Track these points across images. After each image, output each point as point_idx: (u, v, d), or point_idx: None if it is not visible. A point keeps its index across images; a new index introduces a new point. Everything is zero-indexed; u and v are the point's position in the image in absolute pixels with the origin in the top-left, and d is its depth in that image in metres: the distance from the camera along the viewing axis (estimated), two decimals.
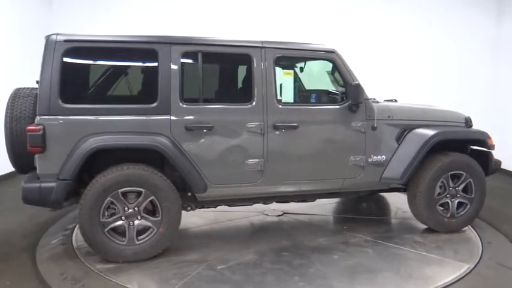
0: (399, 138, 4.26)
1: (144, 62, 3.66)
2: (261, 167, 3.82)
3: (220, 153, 3.74)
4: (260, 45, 3.83)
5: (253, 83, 3.78)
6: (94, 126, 3.45)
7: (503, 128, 7.18)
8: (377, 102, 4.41)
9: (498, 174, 5.03)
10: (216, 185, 3.76)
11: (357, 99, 3.91)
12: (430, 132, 4.22)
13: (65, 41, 3.42)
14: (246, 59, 3.80)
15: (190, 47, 3.68)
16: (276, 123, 3.82)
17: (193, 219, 4.79)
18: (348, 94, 3.94)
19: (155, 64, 3.57)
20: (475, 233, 4.39)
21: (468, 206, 4.39)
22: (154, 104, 3.56)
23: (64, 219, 4.65)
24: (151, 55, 3.57)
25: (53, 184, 3.37)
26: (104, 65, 3.63)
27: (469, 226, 4.47)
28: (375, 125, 4.13)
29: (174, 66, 3.59)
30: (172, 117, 3.59)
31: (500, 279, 3.47)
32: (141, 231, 3.60)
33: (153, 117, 3.56)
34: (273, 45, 3.87)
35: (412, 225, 4.53)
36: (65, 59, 3.40)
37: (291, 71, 4.18)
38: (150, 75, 3.60)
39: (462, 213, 4.39)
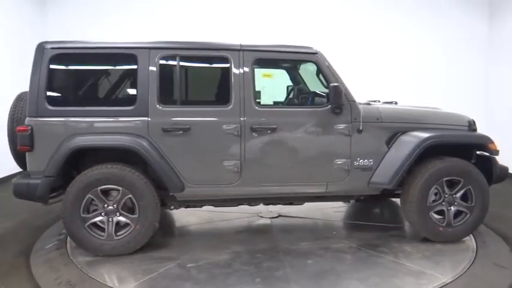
0: (389, 142, 4.09)
1: (124, 67, 3.83)
2: (238, 169, 3.86)
3: (197, 154, 3.82)
4: (238, 48, 3.87)
5: (231, 86, 3.83)
6: (77, 128, 3.68)
7: (497, 128, 7.17)
8: (376, 104, 4.30)
9: None
10: (193, 185, 3.85)
11: (337, 101, 3.81)
12: (422, 135, 4.01)
13: (52, 48, 3.69)
14: (224, 62, 3.86)
15: (168, 51, 3.81)
16: (253, 125, 3.84)
17: (188, 218, 4.96)
18: (329, 96, 3.86)
19: (134, 68, 3.74)
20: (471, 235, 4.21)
21: (467, 215, 4.11)
22: (133, 107, 3.73)
23: (59, 224, 4.53)
24: (131, 60, 3.75)
25: (39, 180, 3.64)
26: (87, 69, 3.86)
27: None
28: (361, 128, 4.00)
29: (152, 70, 3.74)
30: (150, 119, 3.73)
31: (494, 278, 3.43)
32: (123, 227, 3.78)
33: (131, 119, 3.73)
34: (252, 48, 3.89)
35: (410, 234, 4.32)
36: (52, 65, 3.67)
37: (271, 73, 4.16)
38: (130, 79, 3.78)
39: (460, 222, 4.12)
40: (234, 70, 3.84)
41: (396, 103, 4.75)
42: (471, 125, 4.30)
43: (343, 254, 3.82)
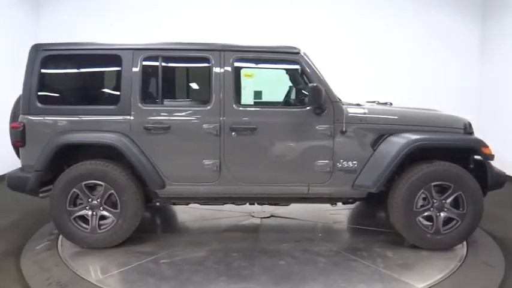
0: (375, 144, 3.97)
1: (109, 67, 3.98)
2: (217, 168, 3.90)
3: (177, 153, 3.91)
4: (220, 48, 3.91)
5: (211, 85, 3.88)
6: (65, 125, 3.88)
7: (489, 129, 6.97)
8: (366, 104, 4.19)
9: None
10: (174, 183, 3.94)
11: (315, 102, 3.75)
12: (407, 137, 3.86)
13: (43, 50, 3.91)
14: (206, 62, 3.91)
15: (151, 52, 3.92)
16: (232, 125, 3.87)
17: (181, 215, 5.06)
18: (308, 96, 3.81)
19: (119, 68, 3.89)
20: None
21: (458, 223, 3.91)
22: (117, 106, 3.87)
23: (50, 224, 4.41)
24: (116, 60, 3.89)
25: (30, 174, 3.88)
26: (75, 70, 4.05)
27: None
28: (344, 129, 3.91)
29: (135, 70, 3.87)
30: (132, 118, 3.86)
31: (483, 278, 3.44)
32: (106, 221, 3.94)
33: (115, 117, 3.88)
34: (233, 48, 3.92)
35: (399, 240, 4.15)
36: (42, 65, 3.89)
37: (252, 73, 4.16)
38: (114, 79, 3.92)
39: (450, 230, 3.93)
40: (215, 70, 3.88)
41: (391, 104, 4.59)
42: (466, 128, 4.08)
43: (319, 257, 3.75)
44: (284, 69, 4.38)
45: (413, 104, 4.74)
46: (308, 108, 3.89)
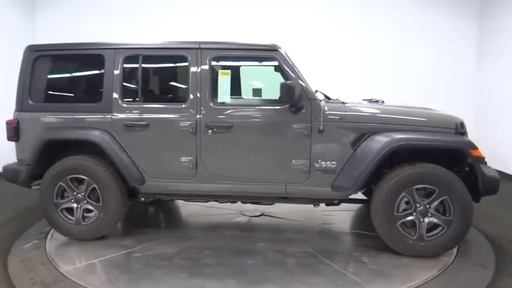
0: (356, 143, 3.80)
1: (93, 66, 4.11)
2: (193, 165, 3.93)
3: (155, 150, 3.98)
4: (197, 46, 3.93)
5: (189, 83, 3.91)
6: (53, 122, 4.09)
7: (486, 126, 7.33)
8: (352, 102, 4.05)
9: None
10: (153, 179, 4.02)
11: (288, 99, 3.66)
12: (388, 137, 3.67)
13: (35, 50, 4.14)
14: (183, 60, 3.95)
15: (132, 51, 4.01)
16: (208, 123, 3.88)
17: (177, 211, 5.15)
18: (280, 94, 3.72)
19: (102, 67, 4.02)
20: None
21: (444, 230, 3.66)
22: (100, 103, 4.02)
23: (39, 224, 4.56)
24: (99, 60, 4.03)
25: (22, 168, 4.13)
26: (63, 69, 4.25)
27: None
28: (321, 128, 3.79)
29: (116, 69, 3.99)
30: (113, 115, 3.99)
31: (472, 278, 3.42)
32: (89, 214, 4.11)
33: (98, 115, 4.02)
34: (209, 46, 3.92)
35: (383, 245, 3.97)
36: (33, 65, 4.12)
37: (228, 71, 4.11)
38: (97, 78, 4.06)
39: (435, 237, 3.69)
40: (192, 68, 3.91)
41: (383, 102, 4.38)
42: (458, 128, 3.79)
43: (290, 258, 3.67)
44: (267, 66, 4.30)
45: (409, 103, 4.48)
46: (284, 106, 3.80)
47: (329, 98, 4.64)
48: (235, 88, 4.73)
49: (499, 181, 3.70)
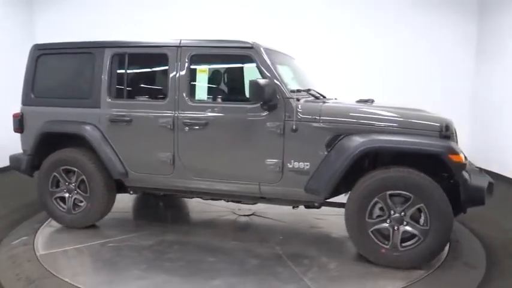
0: (330, 144, 3.64)
1: (85, 63, 4.31)
2: (170, 161, 4.01)
3: (137, 144, 4.12)
4: (177, 44, 4.00)
5: (169, 81, 4.00)
6: (51, 115, 4.37)
7: (484, 127, 7.32)
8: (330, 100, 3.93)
9: None
10: (135, 173, 4.17)
11: (255, 97, 3.59)
12: (359, 139, 3.48)
13: (38, 49, 4.47)
14: (164, 58, 4.03)
15: (119, 49, 4.18)
16: (185, 120, 3.93)
17: (179, 206, 5.28)
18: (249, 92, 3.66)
19: (92, 65, 4.24)
20: None
21: (420, 240, 3.40)
22: (90, 99, 4.24)
23: (31, 220, 4.64)
24: (90, 57, 4.25)
25: (24, 157, 4.48)
26: (60, 65, 4.48)
27: None
28: (294, 127, 3.68)
29: (104, 66, 4.18)
30: (101, 110, 4.19)
31: (462, 279, 3.40)
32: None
33: (88, 110, 4.24)
34: (189, 44, 3.97)
35: None
36: (36, 62, 4.46)
37: (206, 68, 4.10)
38: (89, 74, 4.27)
39: (411, 247, 3.44)
40: (171, 66, 3.99)
41: (373, 101, 4.15)
42: (442, 131, 3.47)
43: (253, 259, 3.61)
44: (241, 65, 4.28)
45: (403, 103, 4.19)
46: (256, 104, 3.74)
47: (324, 97, 4.52)
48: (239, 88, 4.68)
49: (484, 191, 3.35)
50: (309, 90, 4.26)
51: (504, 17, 6.92)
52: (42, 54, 4.45)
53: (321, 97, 4.41)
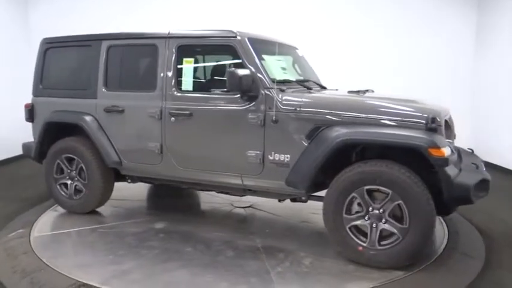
0: (311, 136, 3.51)
1: (85, 55, 4.47)
2: (158, 151, 4.07)
3: (128, 134, 4.23)
4: (166, 35, 4.04)
5: (157, 72, 4.06)
6: (55, 105, 4.60)
7: (484, 122, 7.32)
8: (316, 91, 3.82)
9: None
10: (127, 161, 4.28)
11: (232, 88, 3.52)
12: (336, 131, 3.33)
13: (46, 42, 4.71)
14: (155, 49, 4.09)
15: (114, 41, 4.30)
16: (171, 110, 3.98)
17: (179, 194, 5.36)
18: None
19: (91, 56, 4.40)
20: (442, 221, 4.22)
21: (399, 239, 3.20)
22: (88, 90, 4.41)
23: (28, 213, 4.64)
24: (90, 50, 4.42)
25: (34, 145, 4.77)
26: (64, 58, 4.68)
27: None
28: (274, 118, 3.59)
29: (101, 58, 4.32)
30: (97, 101, 4.34)
31: (461, 268, 3.39)
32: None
33: (86, 100, 4.41)
34: (176, 35, 4.00)
35: None
36: (44, 55, 4.70)
37: (192, 59, 4.06)
38: (88, 66, 4.43)
39: (389, 246, 3.25)
40: (160, 57, 4.04)
41: (366, 91, 3.95)
42: (428, 123, 3.22)
43: (230, 251, 3.58)
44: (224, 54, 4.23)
45: (404, 94, 3.97)
46: (237, 95, 3.70)
47: (324, 88, 4.41)
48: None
49: (470, 190, 3.07)
50: (306, 80, 4.15)
51: (504, 7, 6.80)
52: (49, 47, 4.68)
53: (319, 88, 4.29)
